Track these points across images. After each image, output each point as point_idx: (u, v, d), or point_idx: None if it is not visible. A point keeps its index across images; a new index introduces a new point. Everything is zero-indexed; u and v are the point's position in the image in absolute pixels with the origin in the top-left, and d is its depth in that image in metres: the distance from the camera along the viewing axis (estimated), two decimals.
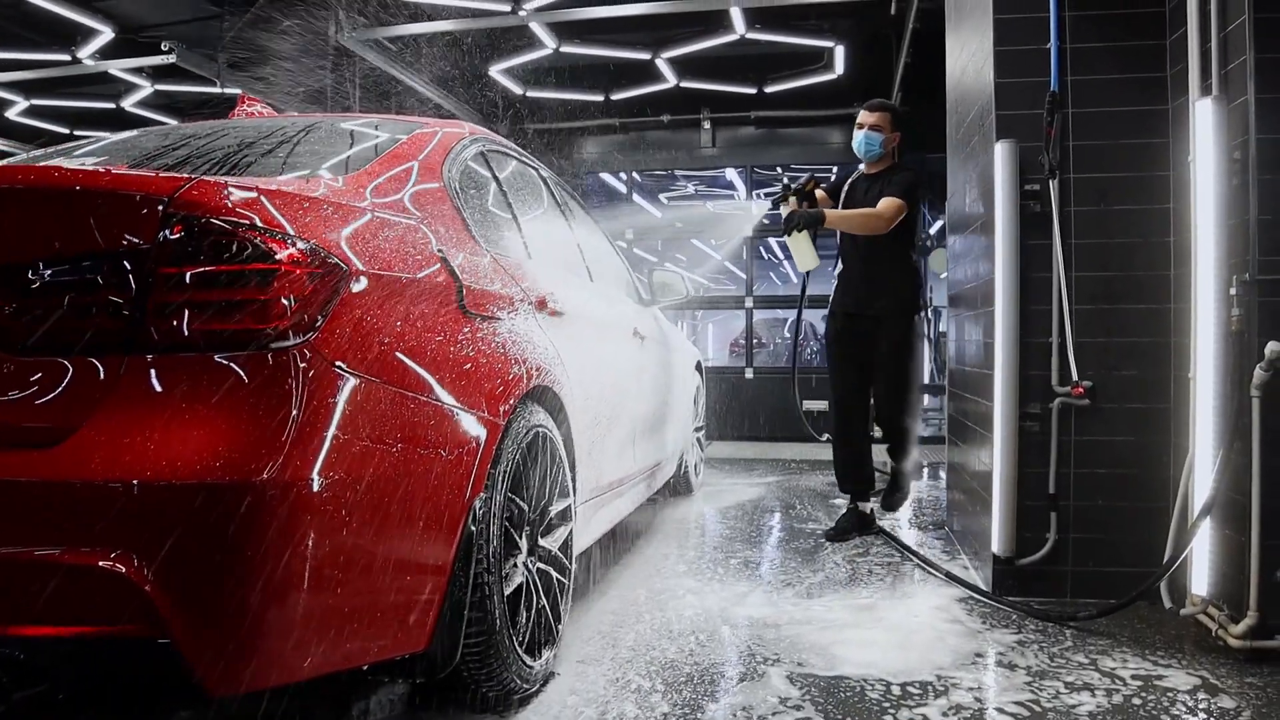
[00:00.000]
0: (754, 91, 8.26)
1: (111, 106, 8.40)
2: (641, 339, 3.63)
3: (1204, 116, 2.54)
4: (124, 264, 1.47)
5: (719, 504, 4.84)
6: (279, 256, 1.53)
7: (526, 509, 2.16)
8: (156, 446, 1.41)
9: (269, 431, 1.45)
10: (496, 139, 2.89)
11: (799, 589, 3.12)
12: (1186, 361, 2.72)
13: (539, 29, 6.74)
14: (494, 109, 8.96)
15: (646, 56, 7.44)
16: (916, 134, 7.52)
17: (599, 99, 8.50)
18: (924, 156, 7.48)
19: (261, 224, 1.54)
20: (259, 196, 1.59)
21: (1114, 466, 2.92)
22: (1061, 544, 2.94)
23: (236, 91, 7.00)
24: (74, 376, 1.46)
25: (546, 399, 2.35)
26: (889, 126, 3.90)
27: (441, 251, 2.00)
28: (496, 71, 7.81)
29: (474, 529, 1.88)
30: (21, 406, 1.46)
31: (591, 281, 3.27)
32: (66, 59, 7.06)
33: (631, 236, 9.77)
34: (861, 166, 4.03)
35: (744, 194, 9.87)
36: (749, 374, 8.18)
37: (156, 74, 7.56)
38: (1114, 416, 2.92)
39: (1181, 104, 2.79)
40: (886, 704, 2.12)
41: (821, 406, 7.01)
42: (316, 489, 1.48)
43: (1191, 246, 2.63)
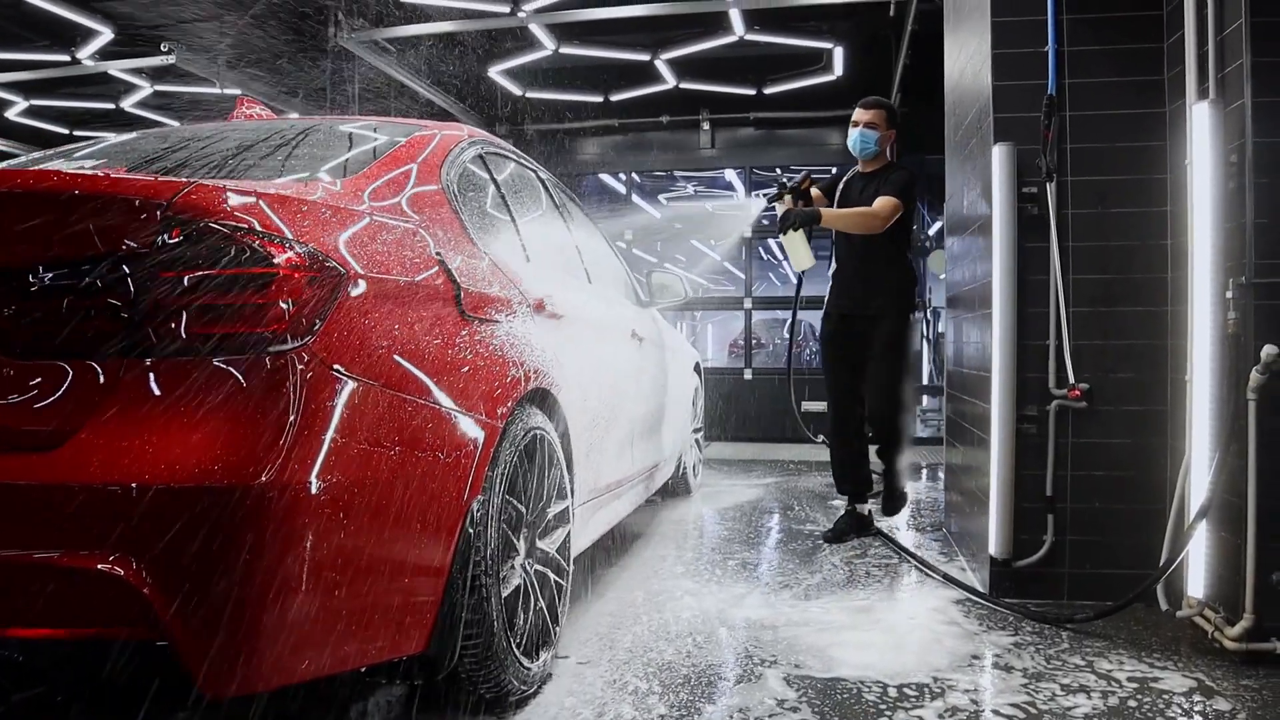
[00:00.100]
0: (753, 93, 8.27)
1: (111, 107, 8.40)
2: (640, 341, 3.64)
3: (1201, 120, 2.54)
4: (123, 267, 1.48)
5: (717, 505, 4.85)
6: (277, 260, 1.53)
7: (524, 511, 2.16)
8: (155, 450, 1.42)
9: (267, 435, 1.46)
10: (495, 141, 2.90)
11: (796, 591, 3.12)
12: (1184, 364, 2.73)
13: (538, 30, 6.75)
14: (493, 110, 8.97)
15: (646, 58, 7.45)
16: (915, 135, 7.56)
17: (598, 100, 8.50)
18: (923, 158, 7.50)
19: (260, 228, 1.54)
20: (257, 200, 1.59)
21: (1111, 469, 2.93)
22: (1058, 546, 2.95)
23: (236, 92, 7.02)
24: (73, 380, 1.47)
25: (544, 401, 2.35)
26: (884, 124, 3.86)
27: (440, 254, 2.00)
28: (496, 72, 7.81)
29: (471, 531, 1.89)
30: (21, 410, 1.47)
31: (590, 283, 3.28)
32: (66, 59, 7.07)
33: (631, 237, 9.78)
34: (857, 165, 4.00)
35: (743, 195, 9.88)
36: (748, 375, 8.18)
37: (156, 74, 7.56)
38: (1111, 419, 2.93)
39: (1179, 107, 2.80)
40: (883, 706, 2.13)
41: (821, 408, 7.01)
42: (314, 492, 1.49)
43: (1188, 249, 2.64)
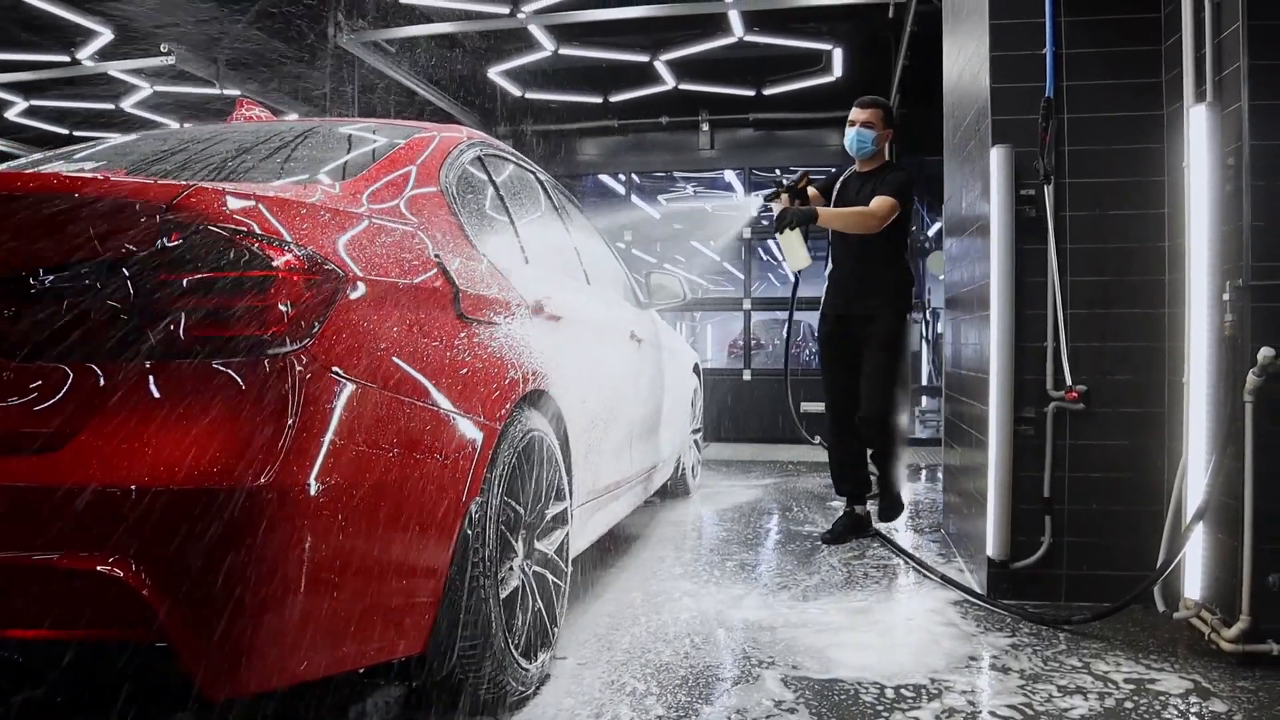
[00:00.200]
0: (752, 94, 8.27)
1: (111, 107, 8.41)
2: (638, 342, 3.64)
3: (1198, 123, 2.55)
4: (123, 270, 1.48)
5: (716, 506, 4.85)
6: (276, 263, 1.54)
7: (522, 512, 2.17)
8: (155, 452, 1.42)
9: (266, 437, 1.47)
10: (494, 143, 2.90)
11: (795, 592, 3.13)
12: (1181, 366, 2.74)
13: (537, 31, 6.76)
14: (493, 110, 8.98)
15: (645, 59, 7.45)
16: (914, 136, 7.57)
17: (597, 101, 8.51)
18: (922, 159, 7.52)
19: (259, 230, 1.55)
20: (256, 203, 1.60)
21: (1108, 470, 2.93)
22: (1056, 547, 2.95)
23: (235, 93, 7.02)
24: (73, 382, 1.47)
25: (542, 403, 2.36)
26: (881, 123, 3.85)
27: (438, 257, 2.01)
28: (495, 73, 7.82)
29: (470, 532, 1.89)
30: (21, 412, 1.47)
31: (588, 285, 3.29)
32: (66, 60, 7.07)
33: (630, 238, 9.79)
34: (854, 164, 3.98)
35: (742, 194, 9.89)
36: (747, 375, 8.19)
37: (156, 75, 7.57)
38: (1108, 421, 2.93)
39: (1177, 109, 2.80)
40: (880, 707, 2.14)
41: (822, 409, 7.01)
42: (313, 493, 1.49)
43: (1186, 252, 2.65)
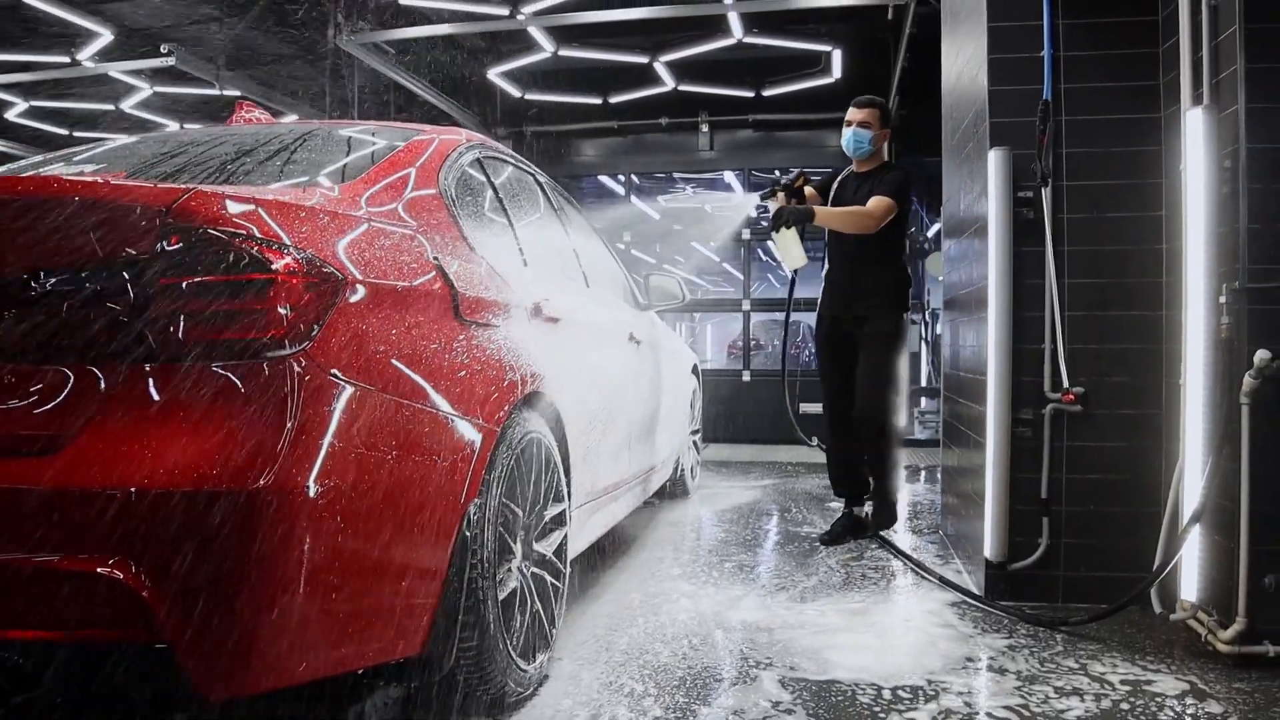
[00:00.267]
0: (752, 95, 8.28)
1: (111, 108, 8.42)
2: (637, 344, 3.65)
3: (1194, 125, 2.56)
4: (123, 274, 1.49)
5: (715, 507, 4.86)
6: (275, 266, 1.55)
7: (521, 514, 2.18)
8: (154, 454, 1.43)
9: (265, 439, 1.48)
10: (493, 145, 2.91)
11: (793, 593, 3.14)
12: (1178, 368, 2.74)
13: (537, 32, 6.77)
14: (492, 112, 8.99)
15: (644, 60, 7.46)
16: (914, 137, 7.58)
17: (597, 102, 8.51)
18: (922, 160, 7.52)
19: (258, 234, 1.56)
20: (255, 207, 1.61)
21: (1105, 472, 2.94)
22: (1053, 549, 2.96)
23: (235, 94, 7.03)
24: (73, 385, 1.48)
25: (541, 405, 2.37)
26: (878, 123, 3.84)
27: (437, 259, 2.02)
28: (495, 74, 7.83)
29: (468, 534, 1.90)
30: (21, 414, 1.48)
31: (587, 287, 3.29)
32: (66, 61, 7.08)
33: (630, 239, 9.80)
34: (852, 165, 3.97)
35: (740, 193, 9.89)
36: (746, 376, 8.20)
37: (156, 76, 7.57)
38: (1106, 422, 2.94)
39: (1174, 112, 2.81)
40: (877, 708, 2.14)
41: (820, 410, 7.01)
42: (312, 495, 1.50)
43: (1182, 254, 2.65)
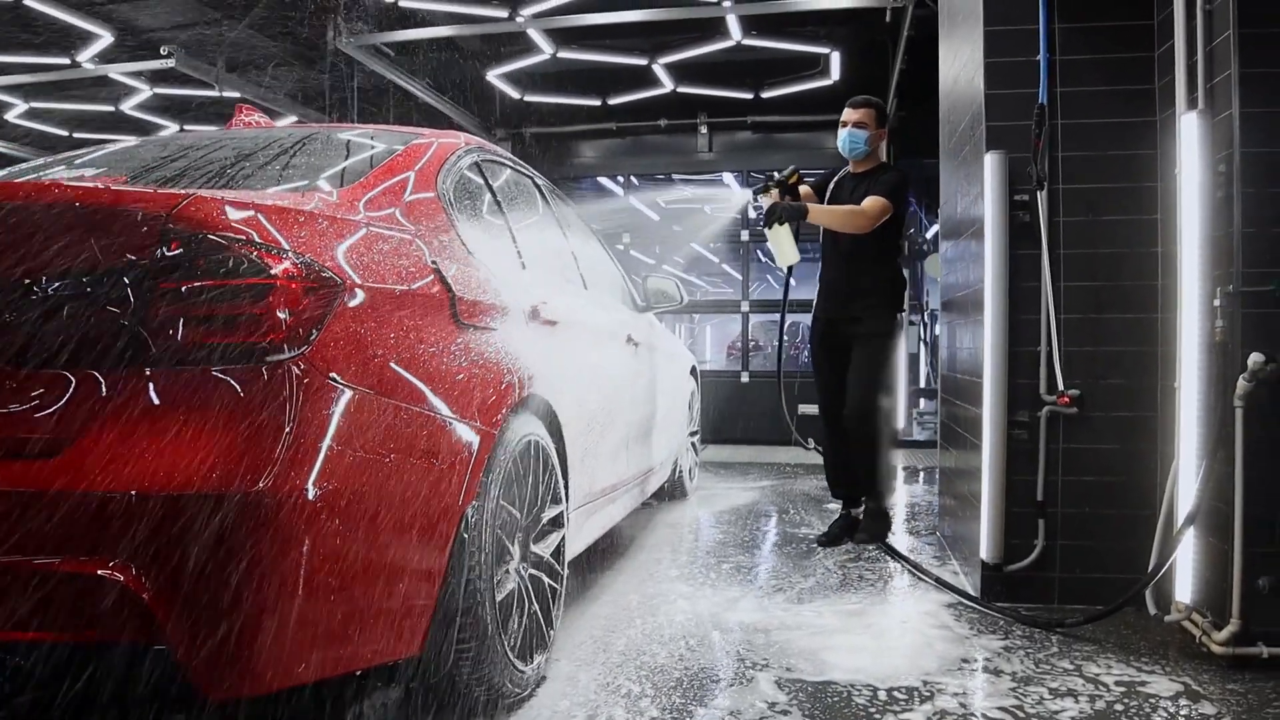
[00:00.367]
0: (751, 97, 8.29)
1: (111, 109, 8.43)
2: (635, 345, 3.66)
3: (1189, 130, 2.57)
4: (123, 278, 1.51)
5: (713, 508, 4.87)
6: (274, 271, 1.56)
7: (519, 516, 2.19)
8: (154, 457, 1.44)
9: (264, 442, 1.49)
10: (491, 149, 2.92)
11: (790, 594, 3.15)
12: (1173, 371, 2.75)
13: (536, 34, 6.78)
14: (492, 113, 9.00)
15: (643, 62, 7.47)
16: (912, 139, 7.60)
17: (596, 103, 8.53)
18: (920, 162, 7.54)
19: (258, 239, 1.57)
20: (255, 212, 1.62)
21: (1101, 474, 2.95)
22: (1049, 551, 2.97)
23: (235, 95, 7.05)
24: (74, 388, 1.49)
25: (539, 407, 2.38)
26: (874, 123, 3.83)
27: (435, 263, 2.03)
28: (494, 76, 7.84)
29: (466, 536, 1.91)
30: (23, 418, 1.49)
31: (585, 289, 3.31)
32: (66, 63, 7.10)
33: (629, 240, 9.81)
34: (848, 165, 3.96)
35: (736, 187, 9.90)
36: (745, 378, 8.21)
37: (155, 78, 7.59)
38: (1101, 425, 2.95)
39: (1169, 116, 2.82)
40: (872, 709, 2.16)
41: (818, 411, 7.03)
42: (311, 498, 1.51)
43: (1177, 257, 2.67)
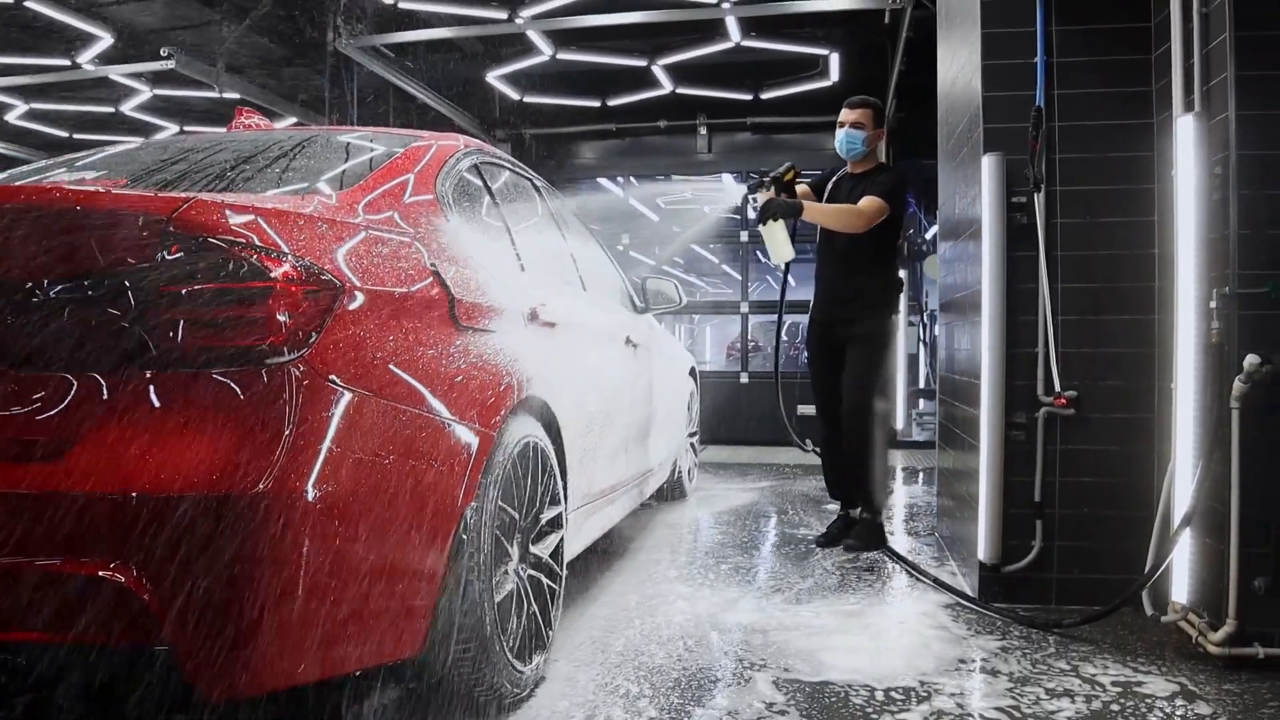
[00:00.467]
0: (750, 98, 8.29)
1: (111, 110, 8.44)
2: (634, 347, 3.67)
3: (1185, 132, 2.58)
4: (124, 282, 1.51)
5: (712, 509, 4.88)
6: (274, 274, 1.57)
7: (517, 517, 2.20)
8: (155, 460, 1.45)
9: (264, 445, 1.50)
10: (491, 151, 2.93)
11: (788, 595, 3.16)
12: (1170, 372, 2.76)
13: (536, 36, 6.79)
14: (491, 114, 9.01)
15: (643, 63, 7.48)
16: (911, 140, 7.60)
17: (596, 104, 8.54)
18: (919, 163, 7.55)
19: (258, 242, 1.58)
20: (255, 216, 1.63)
21: (1098, 475, 2.96)
22: (1046, 551, 2.98)
23: (235, 97, 7.06)
24: (75, 391, 1.50)
25: (538, 409, 2.39)
26: (871, 123, 3.82)
27: (434, 265, 2.04)
28: (494, 77, 7.85)
29: (465, 537, 1.92)
30: (24, 420, 1.50)
31: (584, 291, 3.31)
32: (66, 64, 7.11)
33: (628, 241, 9.82)
34: (847, 166, 3.96)
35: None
36: (744, 378, 8.21)
37: (156, 79, 7.60)
38: (1098, 426, 2.96)
39: (1166, 118, 2.83)
40: (869, 709, 2.16)
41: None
42: (311, 500, 1.52)
43: (1174, 259, 2.68)
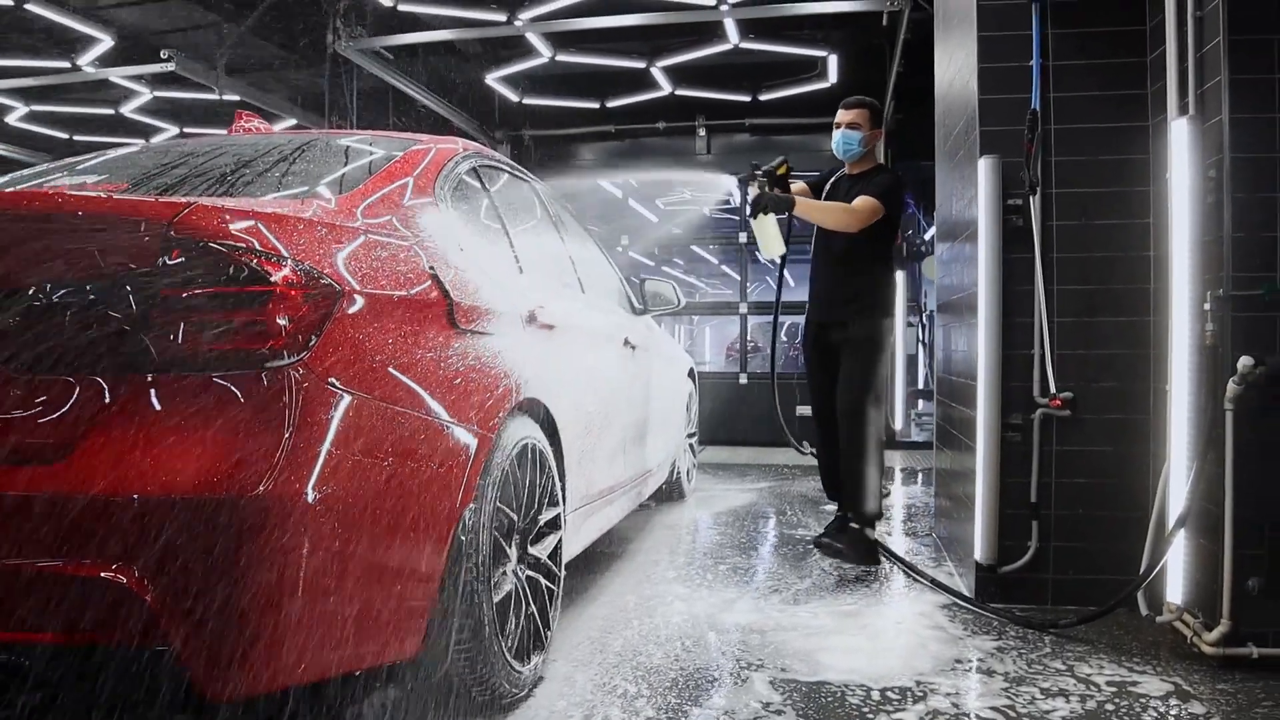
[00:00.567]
0: (749, 99, 8.30)
1: (111, 112, 8.46)
2: (633, 348, 3.69)
3: (1179, 135, 2.60)
4: (126, 286, 1.53)
5: (711, 510, 4.90)
6: (274, 278, 1.59)
7: (516, 518, 2.21)
8: (156, 462, 1.47)
9: (265, 447, 1.51)
10: (489, 154, 2.95)
11: (786, 595, 3.17)
12: (1165, 374, 2.78)
13: (535, 38, 6.81)
14: (490, 116, 9.03)
15: (642, 65, 7.50)
16: (909, 142, 7.61)
17: (595, 106, 8.55)
18: (918, 164, 7.56)
19: (258, 247, 1.60)
20: (255, 220, 1.65)
21: (1094, 476, 2.98)
22: (1042, 552, 3.00)
23: (235, 98, 7.07)
24: (77, 394, 1.52)
25: (536, 411, 2.40)
26: (868, 124, 3.82)
27: (433, 269, 2.05)
28: (493, 79, 7.87)
29: (464, 538, 1.94)
30: (27, 423, 1.52)
31: (583, 293, 3.33)
32: (67, 66, 7.13)
33: (627, 242, 9.83)
34: (845, 167, 3.95)
35: (738, 201, 9.92)
36: (743, 379, 8.23)
37: (156, 81, 7.62)
38: (1094, 427, 2.98)
39: (1161, 121, 2.84)
40: (866, 709, 2.18)
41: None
42: (310, 502, 1.54)
43: (1168, 261, 2.69)
